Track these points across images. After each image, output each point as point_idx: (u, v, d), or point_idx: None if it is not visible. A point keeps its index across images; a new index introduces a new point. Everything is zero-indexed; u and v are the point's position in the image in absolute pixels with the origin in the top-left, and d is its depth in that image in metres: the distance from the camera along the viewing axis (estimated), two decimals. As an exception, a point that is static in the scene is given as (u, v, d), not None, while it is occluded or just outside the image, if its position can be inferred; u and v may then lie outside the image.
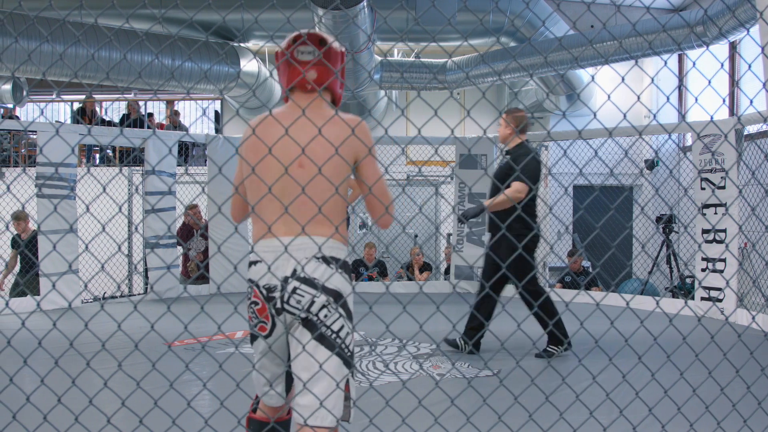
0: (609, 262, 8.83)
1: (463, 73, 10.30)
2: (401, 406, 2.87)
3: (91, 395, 2.70)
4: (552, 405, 2.76)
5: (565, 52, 9.28)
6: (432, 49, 11.79)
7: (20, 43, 8.49)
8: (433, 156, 4.60)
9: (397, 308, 2.43)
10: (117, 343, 6.12)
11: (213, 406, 3.91)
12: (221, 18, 9.90)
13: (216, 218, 9.28)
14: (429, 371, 5.17)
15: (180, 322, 2.57)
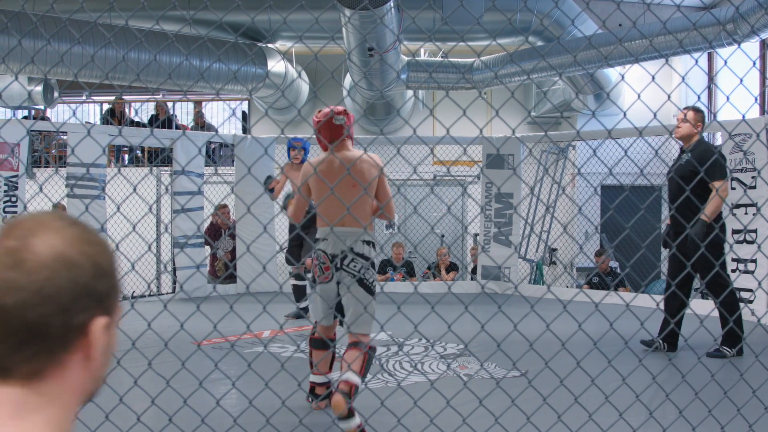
0: (637, 263, 8.74)
1: (491, 72, 10.25)
2: (429, 407, 2.86)
3: (122, 393, 2.73)
4: (581, 406, 2.75)
5: (593, 51, 9.20)
6: (458, 49, 11.76)
7: (52, 45, 8.60)
8: (461, 156, 4.63)
9: (424, 308, 2.43)
10: (146, 342, 6.18)
11: (242, 405, 3.93)
12: (250, 19, 9.95)
13: (244, 218, 9.33)
14: (456, 371, 5.16)
15: (209, 321, 2.59)
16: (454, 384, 4.74)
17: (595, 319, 2.69)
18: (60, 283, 0.96)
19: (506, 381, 4.73)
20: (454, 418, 2.85)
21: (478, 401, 2.72)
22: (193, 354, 2.91)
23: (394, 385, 4.74)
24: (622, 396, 3.01)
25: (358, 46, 8.96)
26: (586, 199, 5.38)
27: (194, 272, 9.16)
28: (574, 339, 2.80)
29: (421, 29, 10.00)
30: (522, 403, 2.82)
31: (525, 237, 10.48)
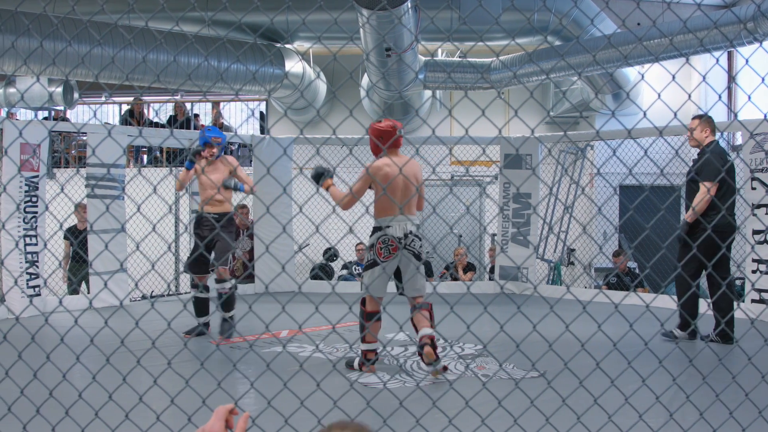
0: (656, 263, 8.68)
1: (510, 72, 10.23)
2: (448, 407, 2.86)
3: (141, 393, 2.75)
4: (600, 407, 2.73)
5: (612, 51, 9.15)
6: (475, 49, 11.74)
7: (73, 46, 8.67)
8: (481, 156, 4.66)
9: (442, 308, 2.43)
10: (166, 341, 6.21)
11: (260, 405, 3.94)
12: (269, 20, 9.99)
13: (263, 218, 9.36)
14: (474, 372, 5.15)
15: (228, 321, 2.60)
16: (473, 384, 4.73)
17: (615, 320, 2.68)
18: None
19: (525, 382, 4.72)
20: (473, 418, 2.84)
21: (497, 402, 2.71)
22: (212, 354, 2.92)
23: (412, 385, 4.74)
24: (642, 397, 3.00)
25: (377, 47, 8.96)
26: (606, 199, 5.38)
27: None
28: (593, 340, 2.79)
29: (439, 29, 9.99)
30: (541, 404, 2.81)
31: (543, 237, 10.44)
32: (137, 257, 8.84)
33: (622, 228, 10.93)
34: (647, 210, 6.26)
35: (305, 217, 2.39)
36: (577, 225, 10.60)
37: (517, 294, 9.67)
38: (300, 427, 2.77)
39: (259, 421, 2.71)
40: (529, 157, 9.92)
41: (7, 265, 7.64)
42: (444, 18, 10.09)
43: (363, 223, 5.13)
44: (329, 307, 3.94)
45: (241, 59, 10.15)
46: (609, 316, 2.73)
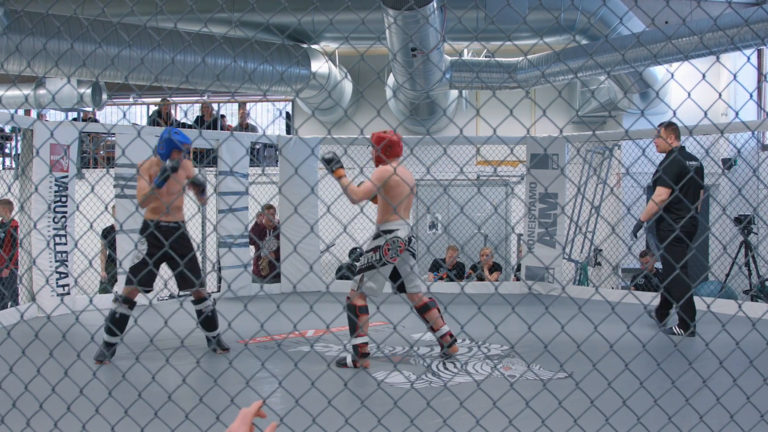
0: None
1: (537, 71, 10.18)
2: (475, 407, 2.86)
3: (170, 391, 2.77)
4: (629, 409, 2.71)
5: (640, 49, 9.07)
6: (501, 48, 11.70)
7: (103, 48, 8.77)
8: (508, 156, 4.63)
9: (468, 309, 2.43)
10: (194, 340, 6.27)
11: (288, 404, 3.96)
12: (295, 20, 10.03)
13: (290, 218, 9.40)
14: (501, 373, 5.14)
15: (255, 320, 2.62)
16: (500, 385, 4.72)
17: (644, 321, 2.66)
18: None
19: (553, 383, 4.69)
20: (500, 419, 2.83)
21: (524, 402, 2.70)
22: (240, 353, 2.94)
23: (438, 385, 4.74)
24: (672, 399, 2.97)
25: (404, 47, 8.97)
26: (635, 199, 5.35)
27: (241, 272, 9.26)
28: (622, 341, 2.77)
29: (467, 28, 9.98)
30: (569, 405, 2.79)
31: (570, 238, 10.38)
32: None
33: (650, 228, 10.83)
34: (676, 210, 6.24)
35: (332, 217, 2.40)
36: (603, 225, 10.52)
37: (544, 294, 9.61)
38: (327, 426, 2.78)
39: (287, 420, 2.73)
40: (556, 157, 9.87)
41: (38, 264, 7.75)
42: (469, 18, 10.07)
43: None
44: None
45: (268, 60, 10.21)
46: (638, 317, 2.70)
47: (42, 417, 2.86)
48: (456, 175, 7.03)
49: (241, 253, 9.47)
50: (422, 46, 9.08)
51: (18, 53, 8.48)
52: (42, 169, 7.67)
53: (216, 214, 9.67)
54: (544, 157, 9.89)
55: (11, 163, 13.66)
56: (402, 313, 2.70)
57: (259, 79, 10.23)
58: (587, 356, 2.78)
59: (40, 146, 7.45)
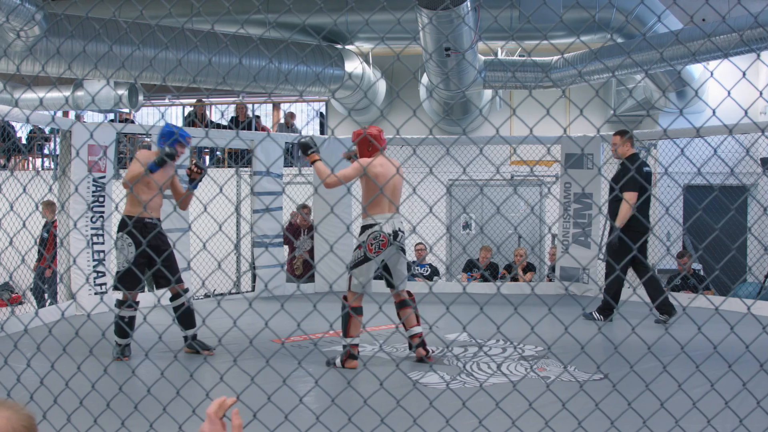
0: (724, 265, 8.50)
1: (572, 70, 10.10)
2: (511, 408, 2.85)
3: (208, 389, 2.80)
4: (667, 412, 2.69)
5: (678, 47, 8.96)
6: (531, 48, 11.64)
7: (141, 50, 8.89)
8: (545, 156, 4.59)
9: (505, 309, 2.42)
10: (229, 339, 6.32)
11: (324, 403, 3.98)
12: (331, 21, 10.08)
13: (326, 218, 9.43)
14: (536, 374, 5.11)
15: (291, 319, 2.64)
16: (536, 386, 4.69)
17: (682, 323, 2.63)
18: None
19: (589, 384, 4.66)
20: (536, 420, 2.82)
21: (560, 404, 2.69)
22: (277, 351, 2.96)
23: (473, 386, 4.73)
24: (711, 402, 2.93)
25: (439, 47, 8.95)
26: (674, 199, 5.30)
27: (278, 271, 9.32)
28: (660, 343, 2.74)
29: (502, 27, 9.94)
30: (606, 407, 2.77)
31: (607, 238, 10.28)
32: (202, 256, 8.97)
33: (687, 229, 10.69)
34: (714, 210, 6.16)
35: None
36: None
37: (579, 295, 9.54)
38: (363, 425, 2.79)
39: (323, 418, 2.75)
40: (591, 157, 9.78)
41: (77, 263, 7.87)
42: (503, 17, 10.03)
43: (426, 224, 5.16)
44: (392, 307, 3.97)
45: (304, 61, 10.28)
46: (676, 318, 2.67)
47: (82, 414, 2.90)
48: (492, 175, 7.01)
49: (275, 252, 9.54)
50: (456, 46, 9.06)
51: (58, 55, 8.63)
52: (80, 169, 7.79)
53: (251, 213, 9.74)
54: (580, 156, 9.81)
55: (50, 164, 13.88)
56: (437, 313, 2.70)
57: (294, 79, 10.30)
58: (625, 358, 2.76)
59: (80, 147, 7.56)
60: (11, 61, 8.73)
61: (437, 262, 11.42)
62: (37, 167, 13.90)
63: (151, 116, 15.18)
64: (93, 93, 11.44)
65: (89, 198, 7.89)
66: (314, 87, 11.01)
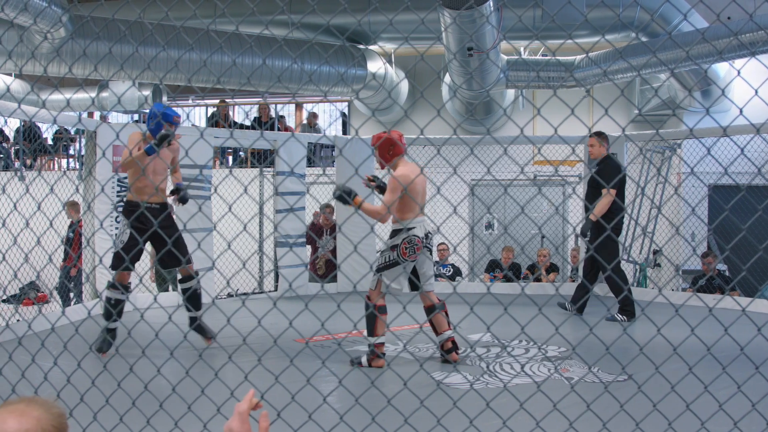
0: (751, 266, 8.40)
1: (596, 69, 10.05)
2: (534, 409, 2.84)
3: (233, 388, 2.82)
4: (693, 414, 2.66)
5: (703, 46, 8.87)
6: (555, 47, 11.58)
7: (167, 51, 8.96)
8: (570, 155, 4.58)
9: (529, 310, 2.42)
10: (253, 338, 6.34)
11: (347, 403, 3.99)
12: (355, 21, 10.10)
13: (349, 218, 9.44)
14: (560, 374, 5.09)
15: (317, 318, 2.65)
16: (560, 387, 4.68)
17: (708, 324, 2.60)
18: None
19: (613, 385, 4.63)
20: (561, 421, 2.81)
21: (584, 405, 2.68)
22: (301, 351, 2.97)
23: (495, 386, 4.71)
24: (738, 404, 2.91)
25: (461, 48, 8.95)
26: (701, 199, 5.26)
27: (302, 271, 9.35)
28: (685, 344, 2.72)
29: (526, 27, 9.91)
30: (630, 409, 2.76)
31: (630, 238, 10.20)
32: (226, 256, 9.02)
33: (715, 229, 10.58)
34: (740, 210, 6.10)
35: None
36: (662, 226, 10.32)
37: (602, 296, 9.48)
38: (387, 425, 2.80)
39: (346, 418, 2.75)
40: (615, 156, 9.71)
41: (102, 262, 7.94)
42: (526, 17, 10.01)
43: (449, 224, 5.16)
44: (416, 307, 3.97)
45: (328, 61, 10.32)
46: (703, 319, 2.66)
47: (108, 412, 2.93)
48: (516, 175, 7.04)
49: (299, 252, 9.57)
50: (479, 46, 9.04)
51: (84, 57, 8.72)
52: (106, 170, 7.87)
53: (274, 214, 9.78)
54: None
55: (75, 164, 14.02)
56: (461, 313, 2.70)
57: (318, 79, 10.35)
58: (650, 359, 2.74)
59: (105, 148, 7.63)
60: (38, 62, 8.84)
61: (460, 262, 11.40)
62: (63, 168, 14.05)
63: (175, 117, 15.27)
64: (118, 94, 11.55)
65: (114, 198, 7.97)
66: (337, 87, 11.04)
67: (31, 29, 8.13)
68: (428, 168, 2.91)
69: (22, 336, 3.94)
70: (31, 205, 3.11)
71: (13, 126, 13.61)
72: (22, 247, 3.38)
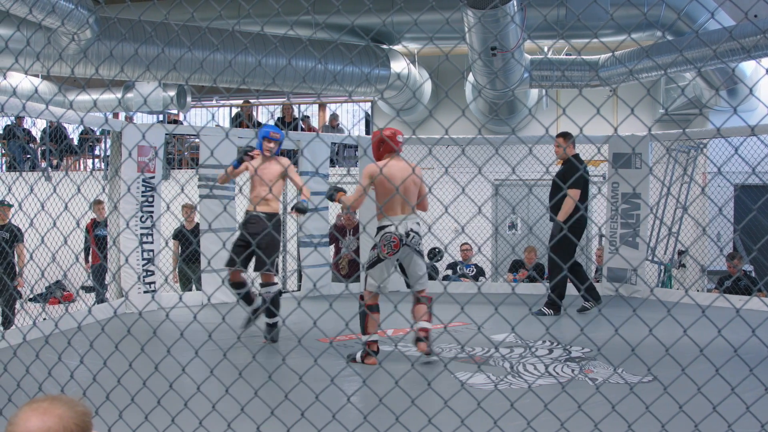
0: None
1: (621, 68, 9.99)
2: (559, 410, 2.83)
3: (257, 387, 2.84)
4: (720, 416, 2.64)
5: (730, 44, 8.78)
6: (579, 46, 11.51)
7: (193, 52, 9.03)
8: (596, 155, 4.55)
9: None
10: (280, 337, 6.37)
11: (371, 403, 3.99)
12: (380, 21, 10.12)
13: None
14: (584, 375, 5.06)
15: (341, 318, 2.66)
16: (584, 388, 4.65)
17: (735, 326, 2.58)
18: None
19: (639, 387, 4.60)
20: (585, 422, 2.80)
21: (609, 406, 2.66)
22: (325, 350, 2.98)
23: (519, 387, 4.70)
24: (764, 406, 2.88)
25: (485, 48, 8.93)
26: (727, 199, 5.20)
27: (326, 271, 9.38)
28: (712, 346, 2.70)
29: (551, 26, 9.87)
30: (656, 410, 2.74)
31: (655, 239, 10.13)
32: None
33: (736, 229, 10.47)
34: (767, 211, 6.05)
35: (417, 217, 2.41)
36: (687, 226, 10.23)
37: (626, 297, 9.41)
38: (410, 425, 2.80)
39: (370, 418, 2.76)
40: (639, 156, 9.64)
41: (128, 262, 8.01)
42: (550, 16, 9.97)
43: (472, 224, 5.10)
44: (440, 308, 3.97)
45: (353, 61, 10.35)
46: (730, 320, 2.63)
47: (133, 410, 2.96)
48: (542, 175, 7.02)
49: (323, 252, 9.59)
50: (503, 45, 9.02)
51: (111, 58, 8.80)
52: (131, 170, 7.94)
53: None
54: (628, 156, 9.68)
55: (101, 164, 14.16)
56: (485, 314, 2.69)
57: (342, 80, 10.37)
58: (676, 360, 2.72)
59: (131, 148, 7.70)
60: (65, 64, 8.93)
61: (483, 262, 11.37)
62: (89, 168, 14.19)
63: (199, 117, 15.38)
64: (143, 95, 11.65)
65: (139, 198, 8.03)
66: (362, 87, 11.07)
67: (59, 31, 8.22)
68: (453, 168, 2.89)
69: (49, 335, 3.99)
70: (58, 205, 3.15)
71: (40, 127, 13.77)
72: (49, 246, 3.42)
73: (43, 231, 3.49)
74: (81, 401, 1.63)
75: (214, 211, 8.38)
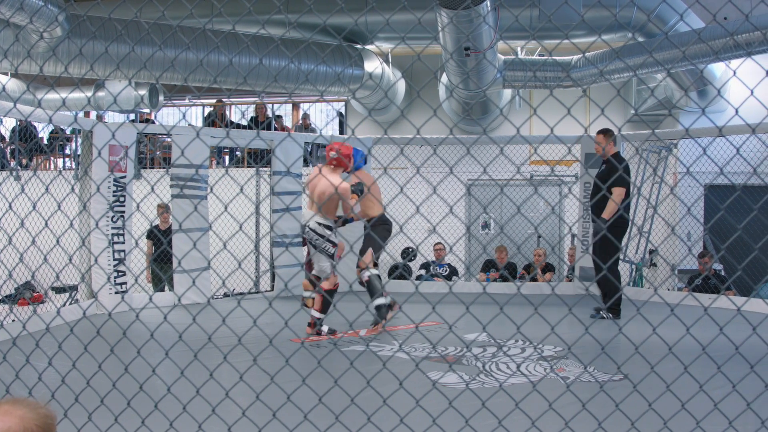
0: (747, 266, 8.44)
1: (593, 69, 10.06)
2: (530, 408, 2.84)
3: (228, 388, 2.82)
4: (688, 413, 2.67)
5: (700, 46, 8.88)
6: (550, 47, 11.59)
7: (164, 50, 8.96)
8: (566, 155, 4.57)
9: (526, 309, 2.42)
10: (249, 338, 6.33)
11: (343, 402, 3.99)
12: (352, 21, 10.11)
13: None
14: (556, 374, 5.09)
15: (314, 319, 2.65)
16: (555, 386, 4.68)
17: (703, 324, 2.61)
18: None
19: (609, 385, 4.64)
20: (556, 421, 2.82)
21: (580, 404, 2.68)
22: (296, 351, 2.97)
23: (491, 386, 4.72)
24: (732, 403, 2.91)
25: (459, 47, 8.95)
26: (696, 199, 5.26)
27: (298, 271, 9.36)
28: (680, 344, 2.73)
29: (523, 27, 9.92)
30: (626, 408, 2.76)
31: (626, 238, 10.21)
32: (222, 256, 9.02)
33: (708, 229, 10.60)
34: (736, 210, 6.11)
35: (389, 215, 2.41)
36: (659, 226, 10.34)
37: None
38: (383, 425, 2.80)
39: (342, 418, 2.76)
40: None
41: (98, 262, 7.93)
42: (522, 17, 10.02)
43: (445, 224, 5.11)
44: (412, 307, 3.97)
45: (325, 61, 10.32)
46: (698, 319, 2.66)
47: (103, 412, 2.93)
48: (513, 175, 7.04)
49: (295, 252, 9.56)
50: (476, 46, 9.05)
51: (81, 56, 8.71)
52: (102, 169, 7.86)
53: (270, 213, 9.78)
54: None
55: (71, 163, 14.00)
56: (457, 313, 2.70)
57: (315, 79, 10.35)
58: (645, 359, 2.74)
59: (101, 147, 7.62)
60: (34, 62, 8.82)
61: (456, 261, 11.40)
62: (59, 167, 14.02)
63: (171, 116, 15.26)
64: (114, 93, 11.53)
65: (110, 198, 7.95)
66: (334, 87, 11.05)
67: (27, 28, 8.11)
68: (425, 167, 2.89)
69: (17, 336, 3.93)
70: (26, 204, 3.10)
71: (9, 125, 13.59)
72: (17, 247, 3.37)
73: (11, 231, 3.44)
74: (46, 405, 1.62)
75: (186, 211, 8.32)
